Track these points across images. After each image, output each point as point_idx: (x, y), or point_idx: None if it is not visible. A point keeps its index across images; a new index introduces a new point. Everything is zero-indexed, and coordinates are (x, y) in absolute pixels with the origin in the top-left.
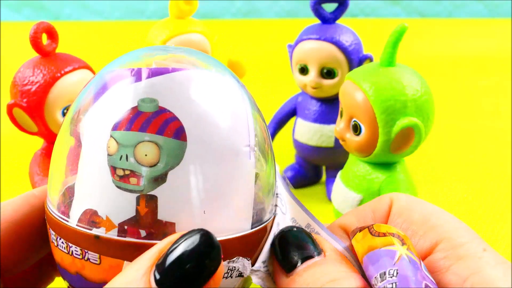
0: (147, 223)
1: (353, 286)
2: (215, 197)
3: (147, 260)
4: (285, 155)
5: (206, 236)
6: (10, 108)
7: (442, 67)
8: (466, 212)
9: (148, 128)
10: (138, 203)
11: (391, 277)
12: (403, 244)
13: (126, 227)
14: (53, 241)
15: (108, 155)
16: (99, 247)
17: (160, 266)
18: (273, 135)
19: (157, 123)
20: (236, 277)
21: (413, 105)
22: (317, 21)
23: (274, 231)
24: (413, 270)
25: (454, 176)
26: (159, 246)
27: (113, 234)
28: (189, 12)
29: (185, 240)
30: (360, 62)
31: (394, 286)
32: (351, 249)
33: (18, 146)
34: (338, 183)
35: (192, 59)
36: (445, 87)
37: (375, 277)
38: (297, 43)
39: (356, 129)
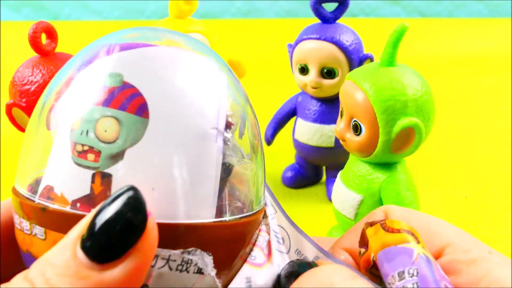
0: (100, 202)
1: (345, 272)
2: (171, 178)
3: (78, 228)
4: (285, 155)
5: (129, 190)
6: (9, 108)
7: (443, 67)
8: (466, 212)
9: (111, 103)
10: (93, 181)
11: (411, 276)
12: (418, 242)
13: (78, 204)
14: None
15: (71, 130)
16: (45, 220)
17: (88, 229)
18: (273, 135)
19: (120, 98)
20: (194, 273)
21: (413, 105)
22: (317, 20)
23: (275, 271)
24: (431, 269)
25: (454, 176)
26: (91, 213)
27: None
28: (189, 11)
29: (110, 199)
30: (361, 62)
31: (415, 286)
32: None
33: (18, 146)
34: (338, 183)
35: (174, 39)
36: (446, 87)
37: (392, 276)
38: (297, 42)
39: (357, 129)
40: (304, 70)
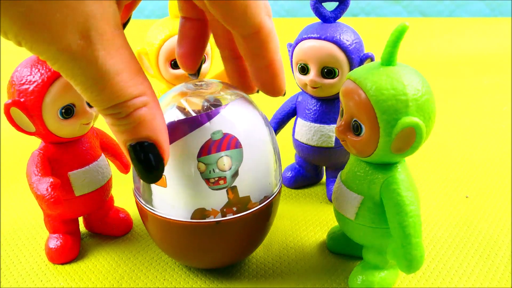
0: (235, 205)
1: None
2: (266, 170)
3: None
4: (285, 155)
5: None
6: (7, 108)
7: (444, 66)
8: (466, 212)
9: (221, 148)
10: (227, 193)
11: None
12: None
13: (225, 210)
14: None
15: (201, 173)
16: (219, 231)
17: None
18: None
19: (225, 143)
20: None
21: (414, 104)
22: (317, 20)
23: None
24: None
25: (454, 176)
26: None
27: (219, 218)
28: None
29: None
30: (361, 61)
31: None
32: None
33: (18, 146)
34: (339, 184)
35: (213, 91)
36: (447, 86)
37: None
38: (297, 42)
39: (357, 129)
40: (304, 69)
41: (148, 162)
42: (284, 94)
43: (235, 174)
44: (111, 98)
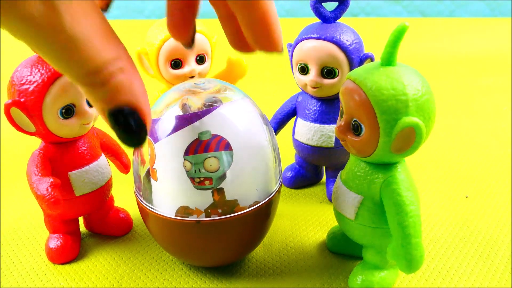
0: (221, 207)
1: None
2: (256, 175)
3: None
4: (285, 155)
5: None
6: (7, 108)
7: (444, 66)
8: (466, 212)
9: (209, 149)
10: (213, 195)
11: None
12: None
13: (209, 210)
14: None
15: (186, 171)
16: (199, 230)
17: None
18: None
19: (213, 144)
20: None
21: (414, 104)
22: (317, 20)
23: None
24: None
25: (454, 176)
26: None
27: (202, 217)
28: None
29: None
30: (361, 61)
31: None
32: None
33: (18, 146)
34: (339, 184)
35: (215, 90)
36: (447, 86)
37: None
38: (297, 42)
39: (357, 129)
40: (304, 69)
41: (129, 128)
42: (282, 51)
43: (223, 177)
44: (83, 64)
